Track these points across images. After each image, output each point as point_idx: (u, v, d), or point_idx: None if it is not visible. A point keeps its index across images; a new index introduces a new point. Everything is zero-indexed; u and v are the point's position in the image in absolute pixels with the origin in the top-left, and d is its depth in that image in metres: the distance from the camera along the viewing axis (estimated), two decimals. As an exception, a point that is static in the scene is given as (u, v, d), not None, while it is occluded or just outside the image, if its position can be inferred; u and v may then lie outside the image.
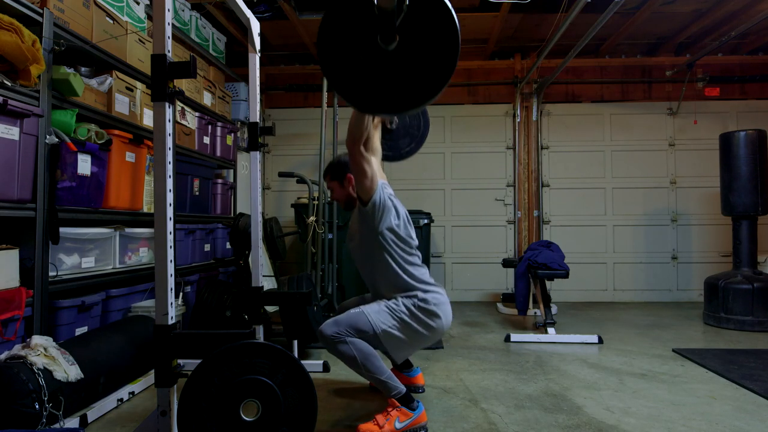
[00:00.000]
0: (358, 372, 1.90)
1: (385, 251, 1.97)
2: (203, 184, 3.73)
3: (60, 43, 2.24)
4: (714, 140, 4.64)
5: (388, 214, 1.96)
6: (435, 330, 1.96)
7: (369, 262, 2.04)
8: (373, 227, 1.96)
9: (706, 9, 4.12)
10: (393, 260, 1.97)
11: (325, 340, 1.89)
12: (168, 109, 1.52)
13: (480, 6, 4.08)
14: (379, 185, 1.95)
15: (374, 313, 1.91)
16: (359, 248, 2.07)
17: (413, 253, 2.03)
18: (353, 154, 1.83)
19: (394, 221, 1.97)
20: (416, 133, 2.43)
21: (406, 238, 2.01)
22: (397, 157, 2.47)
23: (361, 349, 1.87)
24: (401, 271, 1.98)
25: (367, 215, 1.95)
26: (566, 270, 3.49)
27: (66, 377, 1.89)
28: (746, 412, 2.09)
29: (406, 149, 2.44)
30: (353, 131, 1.80)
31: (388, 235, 1.96)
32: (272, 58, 5.30)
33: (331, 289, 4.05)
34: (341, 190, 2.13)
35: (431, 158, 5.17)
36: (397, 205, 2.03)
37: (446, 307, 2.01)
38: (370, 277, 2.08)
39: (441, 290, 2.04)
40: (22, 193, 2.08)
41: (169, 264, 1.52)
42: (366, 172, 1.87)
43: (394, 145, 2.44)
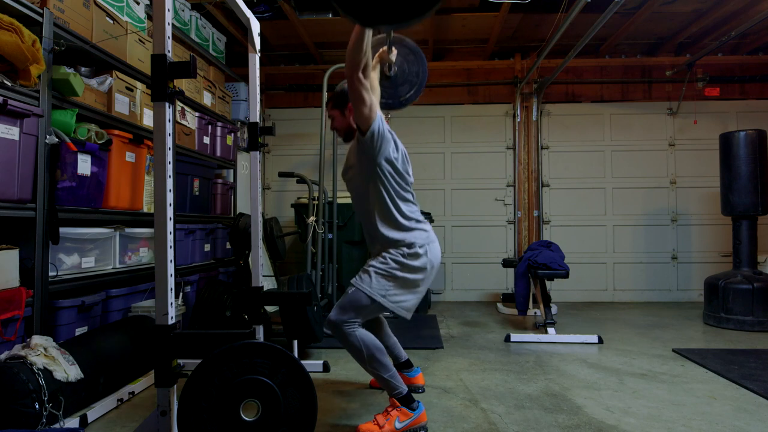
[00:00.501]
0: (363, 366, 1.91)
1: (381, 183, 1.95)
2: (203, 184, 3.73)
3: (60, 43, 2.24)
4: (714, 140, 4.64)
5: (387, 145, 1.93)
6: (427, 271, 1.97)
7: (364, 193, 2.02)
8: (371, 157, 1.93)
9: (706, 9, 4.12)
10: (387, 193, 1.96)
11: (334, 329, 1.90)
12: (168, 109, 1.52)
13: (480, 6, 4.08)
14: (378, 116, 1.91)
15: (367, 284, 1.91)
16: (355, 179, 2.05)
17: (408, 190, 2.03)
18: (352, 80, 1.78)
19: (392, 153, 1.96)
20: (415, 80, 2.43)
21: (403, 173, 2.00)
22: (397, 105, 2.46)
23: (369, 344, 1.88)
24: (392, 205, 1.97)
25: (366, 145, 1.91)
26: (566, 270, 3.49)
27: (66, 377, 1.89)
28: (746, 412, 2.09)
29: (406, 96, 2.44)
30: (352, 57, 1.74)
31: (385, 167, 1.94)
32: (272, 58, 5.30)
33: (331, 289, 4.05)
34: (342, 119, 2.09)
35: (431, 158, 5.18)
36: (396, 140, 2.01)
37: (434, 245, 2.02)
38: (364, 210, 2.05)
39: (428, 227, 2.05)
40: (22, 193, 2.08)
41: (169, 264, 1.52)
42: (365, 100, 1.82)
43: (394, 92, 2.44)
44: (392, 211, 1.97)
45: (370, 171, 1.95)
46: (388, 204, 1.97)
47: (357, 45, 1.72)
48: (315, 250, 3.76)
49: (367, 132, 1.88)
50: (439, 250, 2.06)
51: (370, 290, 1.90)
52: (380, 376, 1.90)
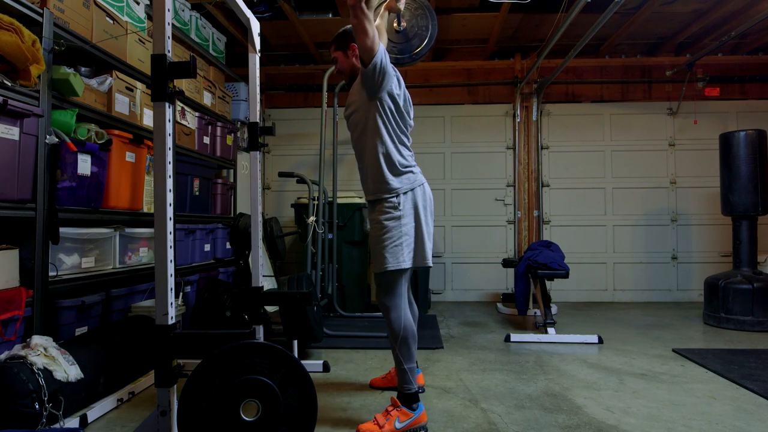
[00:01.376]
0: (392, 345, 1.95)
1: (381, 118, 1.93)
2: (203, 184, 3.73)
3: (60, 43, 2.24)
4: (714, 140, 4.64)
5: (389, 79, 1.91)
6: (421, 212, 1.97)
7: (363, 129, 2.00)
8: (373, 90, 1.90)
9: (706, 9, 4.12)
10: (386, 129, 1.94)
11: (383, 309, 1.97)
12: (168, 109, 1.52)
13: (480, 6, 4.08)
14: (382, 49, 1.86)
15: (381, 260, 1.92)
16: (356, 114, 2.02)
17: (406, 133, 2.03)
18: (355, 10, 1.74)
19: (395, 89, 1.94)
20: (425, 34, 2.45)
21: (404, 114, 1.99)
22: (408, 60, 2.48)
23: (408, 329, 1.94)
24: (391, 143, 1.95)
25: (368, 77, 1.87)
26: (566, 270, 3.49)
27: (66, 377, 1.89)
28: (746, 412, 2.09)
29: (417, 50, 2.46)
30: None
31: (386, 101, 1.92)
32: (272, 58, 5.30)
33: (331, 289, 4.05)
34: (345, 60, 2.08)
35: (431, 158, 5.18)
36: (399, 78, 1.99)
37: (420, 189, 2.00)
38: (361, 148, 2.03)
39: (417, 170, 2.05)
40: (22, 193, 2.08)
41: (169, 264, 1.52)
42: (367, 31, 1.78)
43: (405, 47, 2.45)
44: (389, 151, 1.95)
45: (372, 106, 1.93)
46: (386, 142, 1.95)
47: None
48: (315, 250, 3.76)
49: (370, 64, 1.84)
50: (428, 191, 2.05)
51: (387, 268, 1.91)
52: (401, 363, 1.93)
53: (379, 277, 1.97)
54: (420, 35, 2.45)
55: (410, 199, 1.97)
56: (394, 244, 1.92)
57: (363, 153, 2.03)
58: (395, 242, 1.92)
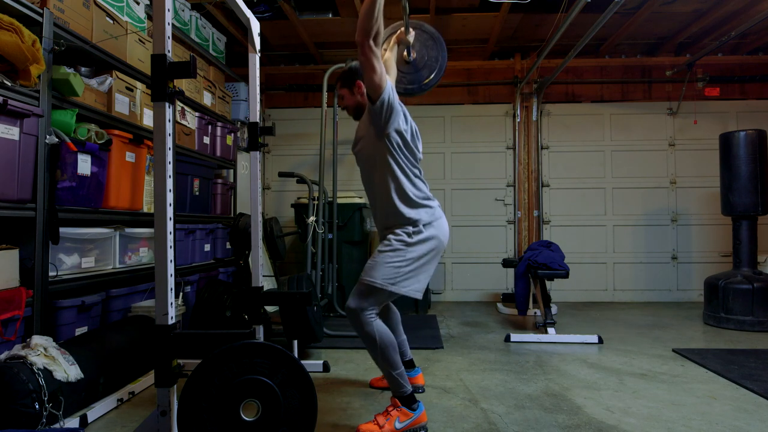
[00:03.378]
0: (374, 357, 1.92)
1: (390, 155, 1.94)
2: (203, 184, 3.73)
3: (60, 43, 2.24)
4: (714, 140, 4.64)
5: (396, 116, 1.93)
6: (435, 249, 1.96)
7: (372, 165, 2.01)
8: (380, 127, 1.92)
9: (706, 9, 4.12)
10: (397, 165, 1.95)
11: (351, 315, 1.90)
12: (168, 109, 1.52)
13: (480, 6, 4.08)
14: (389, 85, 1.89)
15: (378, 273, 1.89)
16: (365, 150, 2.04)
17: (416, 166, 2.03)
18: (363, 48, 1.77)
19: (402, 125, 1.95)
20: (435, 65, 2.46)
21: (413, 148, 2.00)
22: (418, 90, 2.49)
23: (385, 337, 1.89)
24: (404, 177, 1.96)
25: (375, 114, 1.90)
26: (566, 270, 3.49)
27: (66, 377, 1.89)
28: (746, 412, 2.09)
29: (426, 81, 2.47)
30: (363, 24, 1.73)
31: (394, 137, 1.94)
32: (272, 58, 5.30)
33: (331, 289, 4.05)
34: (351, 97, 2.10)
35: (431, 158, 5.18)
36: (406, 113, 2.01)
37: (441, 222, 2.01)
38: (372, 184, 2.04)
39: (436, 204, 2.05)
40: (22, 193, 2.08)
41: (169, 264, 1.52)
42: (375, 68, 1.80)
43: (415, 77, 2.46)
44: (401, 184, 1.96)
45: (380, 142, 1.94)
46: (398, 176, 1.95)
47: (369, 11, 1.71)
48: (315, 250, 3.76)
49: (377, 101, 1.87)
50: (447, 227, 2.04)
51: (380, 282, 1.88)
52: (388, 371, 1.91)
53: (364, 286, 1.91)
54: (430, 66, 2.46)
55: (426, 234, 1.95)
56: (394, 265, 1.91)
57: (374, 188, 2.04)
58: (396, 263, 1.91)
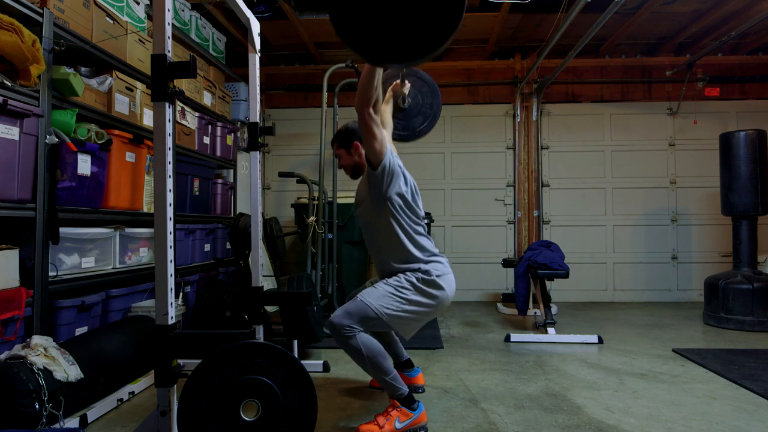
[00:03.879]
0: (363, 368, 1.90)
1: (392, 217, 1.96)
2: (203, 184, 3.73)
3: (60, 43, 2.23)
4: (714, 140, 4.64)
5: (397, 179, 1.95)
6: (439, 300, 1.96)
7: (375, 228, 2.02)
8: (381, 192, 1.94)
9: (706, 9, 4.12)
10: (399, 227, 1.97)
11: (335, 332, 1.88)
12: (168, 109, 1.52)
13: (480, 6, 4.08)
14: (389, 150, 1.93)
15: (375, 299, 1.90)
16: (366, 213, 2.05)
17: (420, 223, 2.04)
18: (363, 116, 1.80)
19: (403, 187, 1.97)
20: (429, 112, 2.45)
21: (414, 206, 2.01)
22: (411, 136, 2.48)
23: (370, 346, 1.87)
24: (406, 238, 1.97)
25: (376, 179, 1.93)
26: (566, 270, 3.49)
27: (66, 377, 1.89)
28: (746, 412, 2.09)
29: (420, 127, 2.46)
30: (363, 92, 1.76)
31: (396, 201, 1.95)
32: (272, 58, 5.30)
33: (331, 289, 4.05)
34: (348, 158, 2.11)
35: (431, 158, 5.17)
36: (405, 173, 2.02)
37: (449, 277, 2.01)
38: (376, 244, 2.06)
39: (444, 260, 2.05)
40: (22, 193, 2.08)
41: (169, 264, 1.52)
42: (375, 135, 1.84)
43: (408, 124, 2.45)
44: (406, 245, 1.98)
45: (381, 205, 1.97)
46: (401, 238, 1.97)
47: (368, 81, 1.74)
48: (315, 250, 3.76)
49: (378, 167, 1.91)
50: (454, 283, 2.04)
51: (376, 305, 1.88)
52: (381, 378, 1.90)
53: (358, 306, 1.89)
54: (424, 113, 2.45)
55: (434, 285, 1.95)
56: (396, 298, 1.91)
57: (378, 249, 2.06)
58: (399, 297, 1.92)
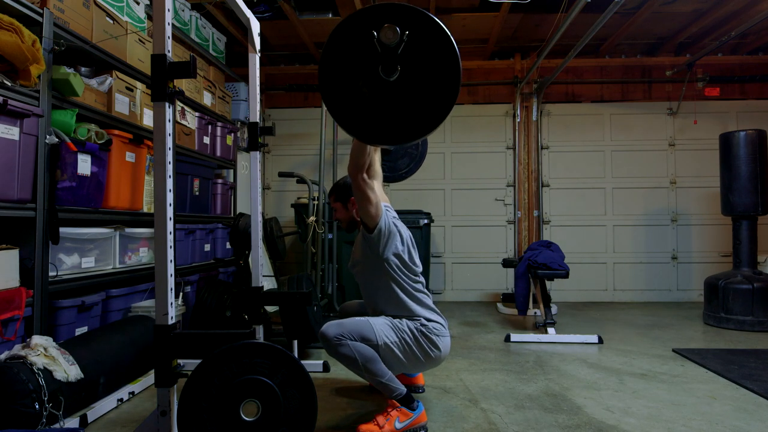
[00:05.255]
0: (359, 374, 1.89)
1: (390, 278, 1.97)
2: (203, 184, 3.73)
3: (60, 43, 2.23)
4: (714, 140, 4.64)
5: (393, 240, 1.95)
6: (432, 359, 1.97)
7: (373, 287, 2.03)
8: (378, 253, 1.95)
9: (706, 9, 4.12)
10: (398, 286, 1.97)
11: (326, 342, 1.87)
12: (168, 109, 1.52)
13: (480, 6, 4.08)
14: (384, 211, 1.94)
15: (379, 325, 1.90)
16: (363, 274, 2.06)
17: (418, 280, 2.03)
18: (357, 182, 1.83)
19: (399, 247, 1.97)
20: (415, 153, 2.46)
21: (410, 264, 2.01)
22: (396, 178, 2.50)
23: (362, 352, 1.86)
24: (406, 297, 1.97)
25: (372, 242, 1.94)
26: (566, 270, 3.49)
27: (66, 377, 1.89)
28: (746, 412, 2.09)
29: (405, 170, 2.48)
30: (355, 159, 1.80)
31: (393, 261, 1.96)
32: (272, 58, 5.30)
33: (331, 289, 4.05)
34: (345, 212, 2.13)
35: (431, 158, 5.16)
36: (401, 230, 2.02)
37: (446, 339, 2.00)
38: (374, 302, 2.06)
39: (443, 320, 2.04)
40: (22, 193, 2.08)
41: (169, 264, 1.52)
42: (371, 200, 1.86)
43: (393, 166, 2.47)
44: (406, 303, 1.97)
45: (379, 266, 1.97)
46: (401, 297, 1.97)
47: (361, 149, 1.77)
48: (315, 250, 3.76)
49: (374, 230, 1.91)
50: (449, 345, 2.03)
51: (378, 330, 1.88)
52: (377, 381, 1.89)
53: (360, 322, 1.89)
54: (410, 154, 2.47)
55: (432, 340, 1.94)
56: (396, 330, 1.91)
57: (377, 305, 2.05)
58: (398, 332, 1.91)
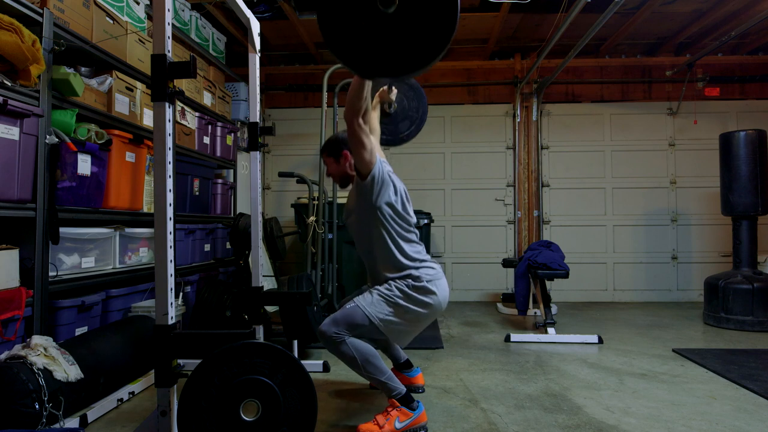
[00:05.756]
0: (359, 372, 1.89)
1: (382, 226, 1.96)
2: (203, 184, 3.73)
3: (60, 43, 2.23)
4: (714, 140, 4.64)
5: (386, 189, 1.95)
6: (432, 307, 1.95)
7: (366, 236, 2.02)
8: (370, 202, 1.94)
9: (706, 9, 4.12)
10: (389, 236, 1.96)
11: (325, 340, 1.88)
12: (168, 109, 1.52)
13: (480, 6, 4.08)
14: (378, 160, 1.94)
15: (368, 305, 1.90)
16: (356, 223, 2.06)
17: (410, 230, 2.03)
18: (352, 126, 1.81)
19: (392, 197, 1.97)
20: (415, 116, 2.45)
21: (404, 214, 2.00)
22: (396, 141, 2.49)
23: (362, 350, 1.86)
24: (395, 247, 1.96)
25: (366, 189, 1.94)
26: (566, 270, 3.49)
27: (66, 377, 1.89)
28: (746, 412, 2.09)
29: (406, 132, 2.46)
30: (352, 103, 1.77)
31: (386, 210, 1.95)
32: (272, 58, 5.30)
33: (331, 289, 4.05)
34: (336, 167, 2.11)
35: (431, 158, 5.17)
36: (395, 181, 2.01)
37: (441, 281, 1.99)
38: (367, 253, 2.06)
39: (435, 265, 2.04)
40: (22, 193, 2.08)
41: (169, 264, 1.52)
42: (365, 145, 1.85)
43: (394, 129, 2.46)
44: (395, 254, 1.97)
45: (371, 215, 1.96)
46: (390, 247, 1.96)
47: (357, 92, 1.75)
48: (315, 250, 3.76)
49: (368, 177, 1.91)
50: (447, 288, 2.03)
51: (369, 311, 1.88)
52: (377, 380, 1.89)
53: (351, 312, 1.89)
54: (410, 117, 2.45)
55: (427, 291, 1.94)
56: (391, 302, 1.91)
57: (370, 258, 2.05)
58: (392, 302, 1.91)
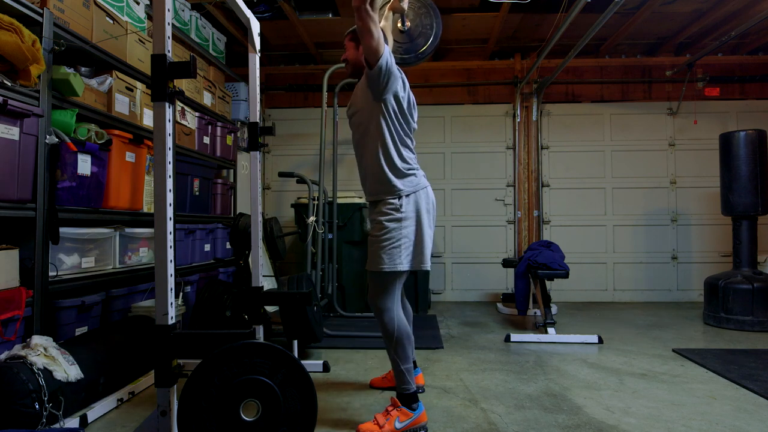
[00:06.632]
0: (387, 347, 1.96)
1: (384, 119, 1.93)
2: (203, 184, 3.73)
3: (60, 43, 2.23)
4: (714, 140, 4.64)
5: (395, 81, 1.91)
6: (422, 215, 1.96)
7: (365, 130, 1.99)
8: (378, 92, 1.90)
9: (706, 9, 4.12)
10: (389, 131, 1.94)
11: (374, 307, 1.97)
12: (168, 109, 1.52)
13: (480, 6, 4.08)
14: (387, 50, 1.88)
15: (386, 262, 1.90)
16: (358, 114, 2.02)
17: (409, 135, 2.02)
18: (360, 12, 1.75)
19: (400, 91, 1.94)
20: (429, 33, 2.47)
21: (408, 115, 1.99)
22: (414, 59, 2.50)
23: (402, 330, 1.94)
24: (393, 146, 1.94)
25: (373, 79, 1.87)
26: (566, 270, 3.49)
27: (66, 377, 1.89)
28: (746, 412, 2.09)
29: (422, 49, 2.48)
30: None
31: (391, 103, 1.93)
32: (272, 58, 5.30)
33: (331, 289, 4.05)
34: (354, 53, 2.07)
35: (431, 158, 5.18)
36: (404, 79, 1.99)
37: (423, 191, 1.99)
38: (362, 147, 2.03)
39: (420, 173, 2.04)
40: (22, 193, 2.08)
41: (169, 264, 1.52)
42: (372, 32, 1.78)
43: (411, 47, 2.47)
44: (390, 152, 1.95)
45: (376, 106, 1.93)
46: (387, 144, 1.94)
47: None
48: (315, 250, 3.76)
49: (375, 66, 1.85)
50: (431, 195, 2.03)
51: (390, 267, 1.90)
52: (398, 364, 1.93)
53: (374, 276, 1.96)
54: (425, 34, 2.46)
55: (413, 202, 1.96)
56: (392, 246, 1.91)
57: (364, 154, 2.03)
58: (393, 244, 1.91)
